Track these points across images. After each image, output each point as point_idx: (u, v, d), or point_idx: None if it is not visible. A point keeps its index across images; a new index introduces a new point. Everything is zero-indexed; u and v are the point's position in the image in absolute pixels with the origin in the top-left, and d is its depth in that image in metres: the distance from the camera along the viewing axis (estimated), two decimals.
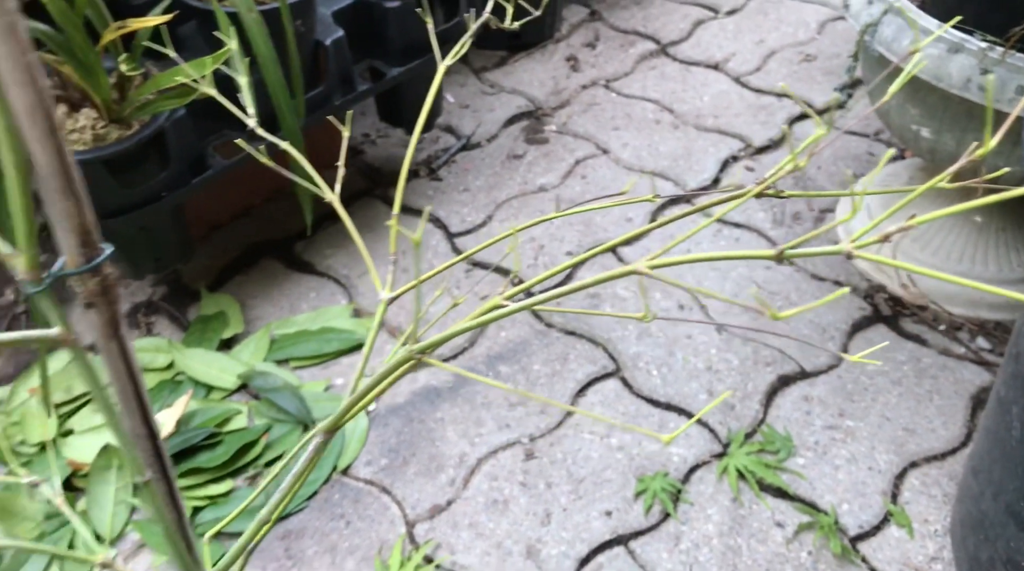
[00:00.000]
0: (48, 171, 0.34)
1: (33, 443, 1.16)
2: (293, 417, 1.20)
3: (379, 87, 1.37)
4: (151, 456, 0.43)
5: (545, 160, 1.64)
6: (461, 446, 1.16)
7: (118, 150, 1.10)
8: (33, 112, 0.32)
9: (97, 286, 0.37)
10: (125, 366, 0.40)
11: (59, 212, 0.35)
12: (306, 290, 1.40)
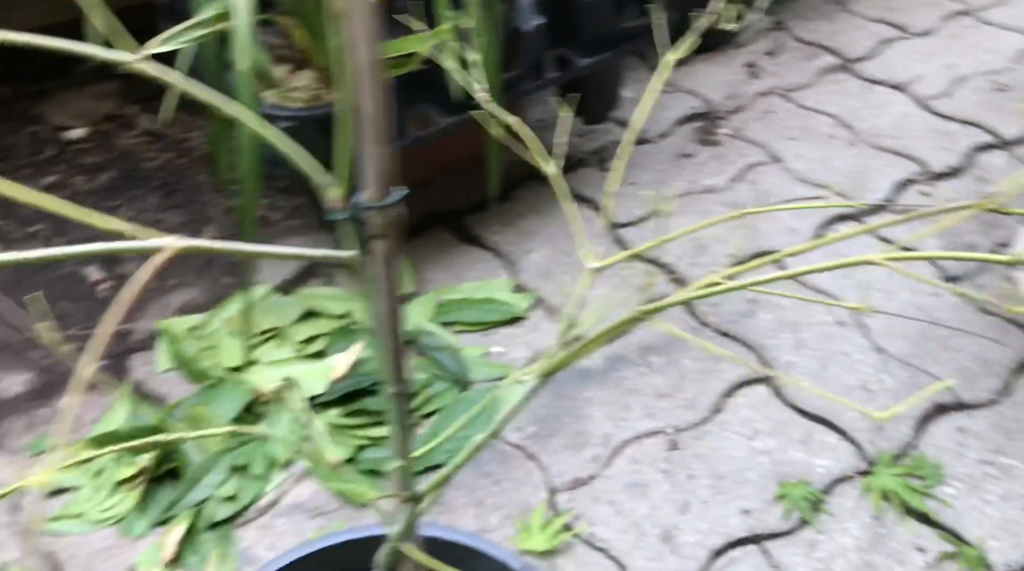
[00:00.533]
0: (371, 119, 0.40)
1: (222, 368, 1.28)
2: (452, 376, 1.27)
3: (566, 76, 1.42)
4: (396, 372, 0.50)
5: (715, 162, 1.65)
6: (606, 427, 1.21)
7: (328, 112, 1.20)
8: (370, 69, 0.39)
9: (387, 220, 0.43)
10: (391, 290, 0.46)
11: (371, 154, 0.41)
12: (473, 261, 1.47)
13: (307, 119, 1.19)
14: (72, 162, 1.62)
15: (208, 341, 1.31)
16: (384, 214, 0.43)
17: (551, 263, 1.45)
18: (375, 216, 0.43)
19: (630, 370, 1.28)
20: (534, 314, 1.38)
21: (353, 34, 0.38)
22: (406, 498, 0.53)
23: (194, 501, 1.12)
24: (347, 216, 0.43)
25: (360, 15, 0.37)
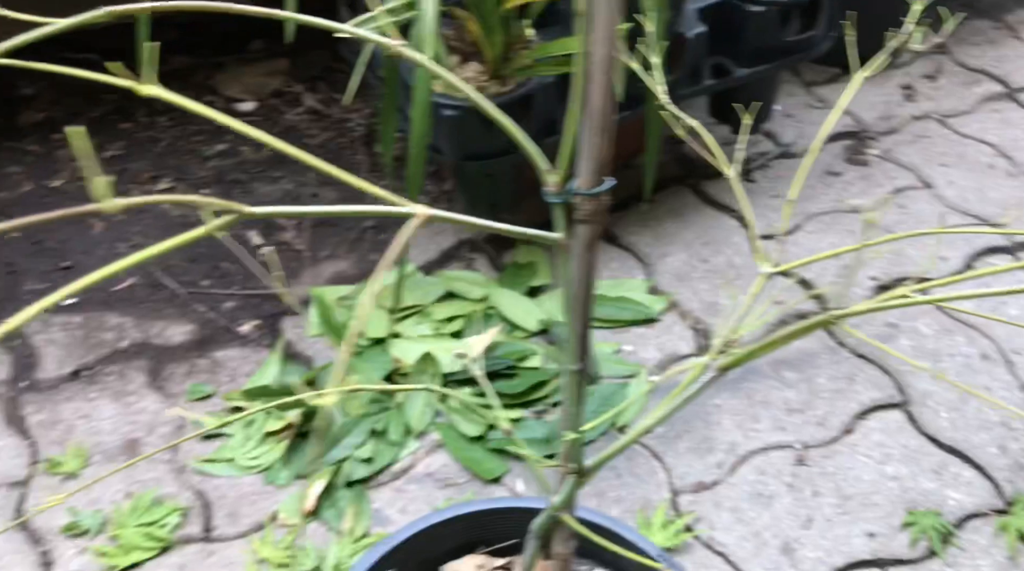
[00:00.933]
0: (597, 112, 0.43)
1: (366, 338, 1.35)
2: None
3: (722, 84, 1.43)
4: (580, 351, 0.53)
5: (863, 182, 1.63)
6: (734, 435, 1.22)
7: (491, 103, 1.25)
8: (604, 64, 0.42)
9: (595, 207, 0.47)
10: (588, 273, 0.50)
11: (590, 144, 0.45)
12: (608, 259, 1.50)
13: (470, 109, 1.24)
14: (239, 134, 1.73)
15: (355, 311, 1.38)
16: (593, 201, 0.47)
17: (688, 268, 1.47)
18: (585, 203, 0.47)
19: (762, 382, 1.28)
20: (667, 317, 1.39)
21: (594, 33, 0.41)
22: (572, 470, 0.57)
23: (335, 459, 1.19)
24: (561, 200, 0.46)
25: (603, 16, 0.41)
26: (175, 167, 1.64)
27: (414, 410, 1.25)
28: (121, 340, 1.35)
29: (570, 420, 0.56)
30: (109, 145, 1.67)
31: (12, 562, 1.08)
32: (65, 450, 1.20)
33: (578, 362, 0.53)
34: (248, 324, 1.40)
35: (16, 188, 1.58)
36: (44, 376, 1.29)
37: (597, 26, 0.41)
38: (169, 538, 1.11)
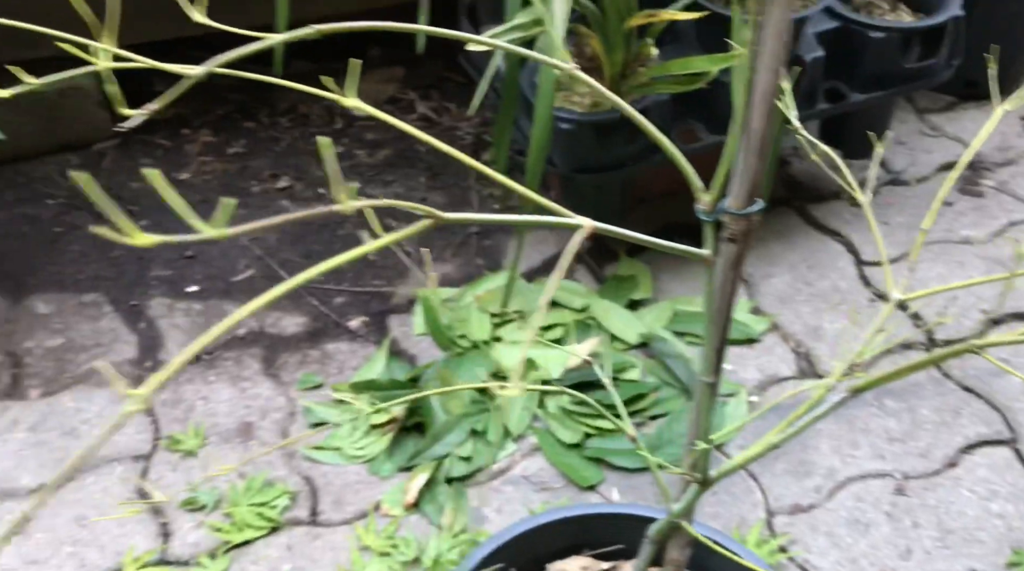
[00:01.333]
0: (756, 136, 0.46)
1: (468, 340, 1.38)
2: (682, 385, 1.31)
3: (837, 109, 1.43)
4: (714, 365, 0.55)
5: (975, 213, 1.60)
6: (832, 460, 1.21)
7: (606, 118, 1.27)
8: (766, 94, 0.44)
9: (743, 227, 0.49)
10: (730, 291, 0.52)
11: (746, 165, 0.47)
12: None
13: (585, 123, 1.27)
14: (356, 137, 1.79)
15: (459, 314, 1.43)
16: (743, 221, 0.49)
17: (792, 291, 1.46)
18: (735, 222, 0.49)
19: (863, 409, 1.27)
20: (768, 338, 1.40)
21: (761, 62, 0.43)
22: (697, 479, 0.59)
23: (435, 455, 1.23)
24: (712, 219, 0.49)
25: (770, 48, 0.43)
26: (294, 166, 1.71)
27: (512, 413, 1.28)
28: (239, 328, 1.42)
29: (700, 431, 0.58)
30: (233, 142, 1.75)
31: (134, 530, 1.15)
32: (185, 429, 1.27)
33: (712, 375, 0.55)
34: (357, 319, 1.45)
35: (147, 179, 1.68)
36: (167, 358, 1.37)
37: (764, 56, 0.43)
38: (279, 519, 1.16)
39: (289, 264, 1.53)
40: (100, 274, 1.50)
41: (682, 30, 1.38)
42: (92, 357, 1.37)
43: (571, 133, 1.27)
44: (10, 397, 1.31)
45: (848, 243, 1.55)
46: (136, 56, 0.44)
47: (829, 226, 1.58)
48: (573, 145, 1.29)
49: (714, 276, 0.52)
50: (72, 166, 1.69)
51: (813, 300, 1.45)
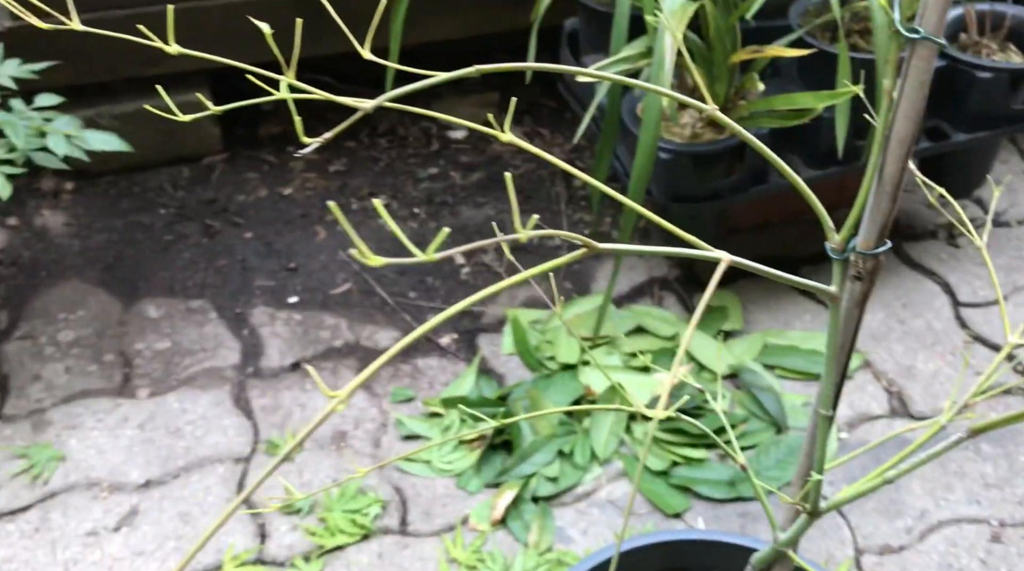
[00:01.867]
0: (889, 180, 0.47)
1: (557, 362, 1.41)
2: (770, 417, 1.31)
3: (938, 148, 1.42)
4: (832, 399, 0.56)
5: None
6: (924, 502, 1.20)
7: (705, 149, 1.29)
8: (904, 139, 0.46)
9: (870, 266, 0.51)
10: (853, 327, 0.53)
11: (876, 208, 0.49)
12: (802, 311, 1.50)
13: (684, 153, 1.29)
14: (451, 159, 1.84)
15: (548, 336, 1.45)
16: (871, 261, 0.50)
17: (885, 329, 1.45)
18: (863, 261, 0.50)
19: (958, 452, 1.25)
20: (860, 375, 1.39)
21: (899, 110, 0.45)
22: (807, 509, 0.60)
23: (523, 474, 1.25)
24: (842, 258, 0.50)
25: (910, 97, 0.44)
26: (391, 186, 1.77)
27: (600, 437, 1.30)
28: (336, 339, 1.47)
29: (814, 462, 0.59)
30: (335, 160, 1.82)
31: (234, 530, 1.20)
32: (283, 434, 1.32)
33: (830, 409, 0.56)
34: (448, 337, 1.49)
35: (253, 193, 1.75)
36: (268, 365, 1.43)
37: (904, 104, 0.45)
38: (370, 526, 1.20)
39: (385, 280, 1.58)
40: (207, 282, 1.57)
41: (783, 65, 1.39)
42: (198, 360, 1.43)
43: (670, 163, 1.29)
44: (121, 395, 1.38)
45: (944, 283, 1.53)
46: (311, 88, 0.48)
47: (925, 265, 1.56)
48: (671, 174, 1.31)
49: (839, 312, 0.53)
50: (184, 178, 1.78)
51: (906, 339, 1.43)
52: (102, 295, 1.54)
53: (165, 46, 0.45)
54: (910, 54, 0.44)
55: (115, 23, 1.70)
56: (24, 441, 1.31)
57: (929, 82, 0.45)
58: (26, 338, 1.46)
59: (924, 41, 0.43)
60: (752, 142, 0.53)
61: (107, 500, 1.23)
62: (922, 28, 0.43)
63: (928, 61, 0.44)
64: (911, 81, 0.44)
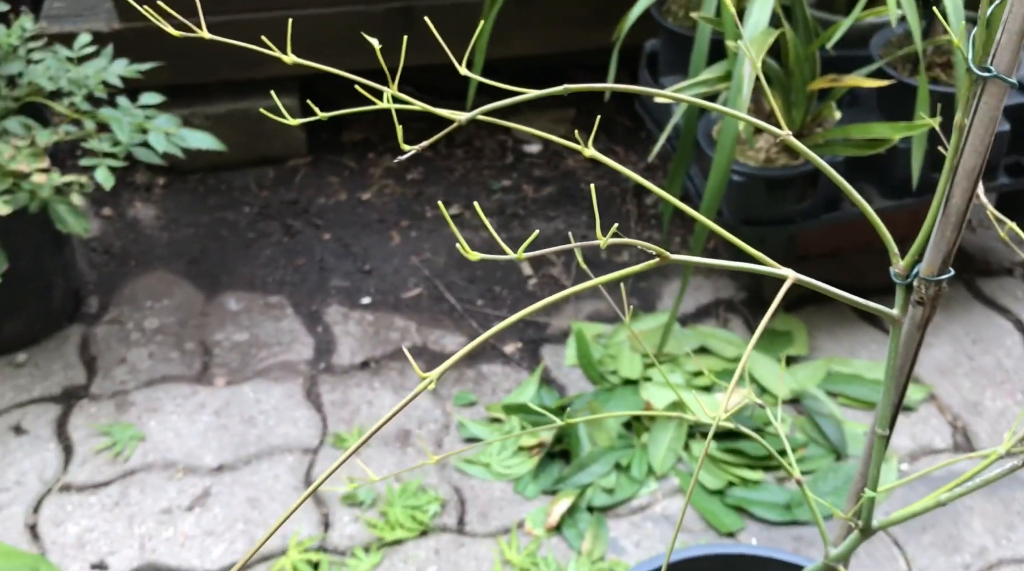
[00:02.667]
0: (955, 209, 0.49)
1: (619, 376, 1.43)
2: (830, 444, 1.31)
3: (1017, 184, 1.40)
4: (889, 420, 0.58)
5: None
6: (984, 540, 1.18)
7: (779, 174, 1.30)
8: (972, 171, 0.48)
9: (932, 292, 0.52)
10: (913, 352, 0.55)
11: (941, 236, 0.50)
12: (868, 340, 1.50)
13: (758, 177, 1.30)
14: (524, 172, 1.88)
15: (611, 350, 1.48)
16: (934, 287, 0.52)
17: (952, 363, 1.44)
18: (926, 287, 0.52)
19: (1022, 491, 1.24)
20: (924, 408, 1.38)
21: (967, 144, 0.47)
22: (859, 527, 0.61)
23: (579, 483, 1.28)
24: (905, 282, 0.52)
25: (979, 131, 0.46)
26: (464, 196, 1.82)
27: (658, 452, 1.31)
28: (404, 340, 1.52)
29: (869, 480, 0.61)
30: (412, 169, 1.88)
31: (299, 518, 1.25)
32: (350, 429, 1.37)
33: (886, 428, 0.58)
34: (512, 345, 1.52)
35: (333, 196, 1.82)
36: (339, 362, 1.48)
37: (971, 139, 0.47)
38: (429, 523, 1.24)
39: (454, 286, 1.62)
40: (286, 279, 1.63)
41: (862, 95, 1.40)
42: (273, 353, 1.50)
43: (743, 185, 1.30)
44: (199, 382, 1.45)
45: (1017, 321, 1.51)
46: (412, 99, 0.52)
47: (998, 302, 1.54)
48: (743, 197, 1.33)
49: (900, 335, 0.55)
50: (269, 179, 1.85)
51: (974, 375, 1.42)
52: (186, 286, 1.62)
53: (283, 55, 0.49)
54: (981, 91, 0.46)
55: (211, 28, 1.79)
56: (108, 420, 1.38)
57: (998, 119, 0.46)
58: (114, 323, 1.54)
59: (995, 79, 0.45)
60: (824, 169, 0.55)
61: (182, 481, 1.30)
62: (994, 67, 0.45)
63: (998, 99, 0.46)
64: (980, 117, 0.46)
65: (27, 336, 1.45)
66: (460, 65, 0.51)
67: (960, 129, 0.47)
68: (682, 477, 1.30)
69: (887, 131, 1.15)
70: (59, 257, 1.45)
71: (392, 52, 0.51)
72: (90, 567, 1.19)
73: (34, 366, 1.45)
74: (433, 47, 2.02)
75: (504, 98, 0.54)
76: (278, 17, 1.70)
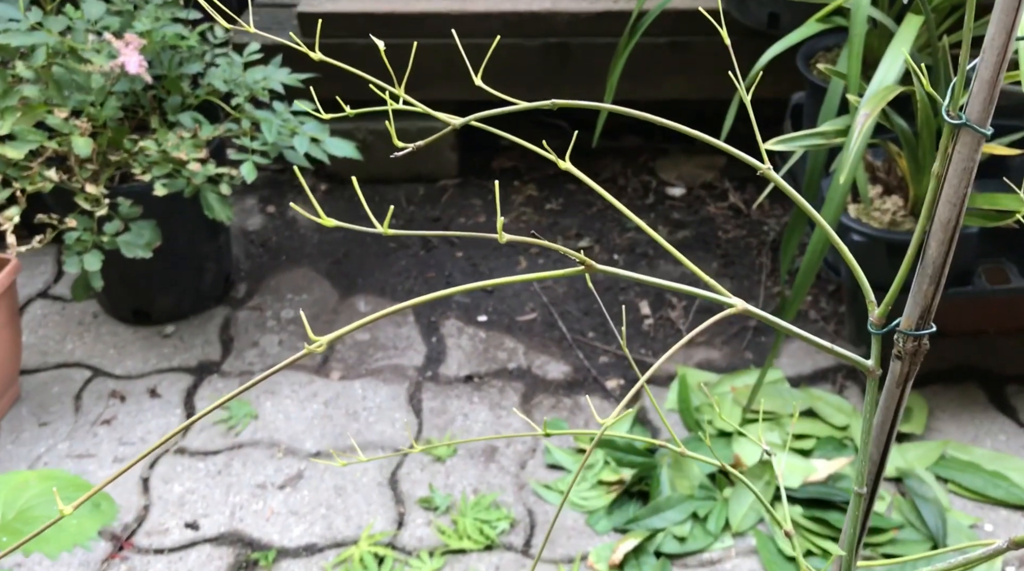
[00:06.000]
0: (932, 263, 0.47)
1: (714, 427, 1.40)
2: (928, 531, 1.22)
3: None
4: (871, 478, 0.56)
5: None
6: None
7: (903, 238, 1.24)
8: (947, 224, 0.46)
9: (912, 347, 0.50)
10: (895, 407, 0.53)
11: (920, 289, 0.49)
12: (997, 431, 1.38)
13: (879, 239, 1.25)
14: (662, 214, 1.88)
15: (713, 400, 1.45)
16: (913, 341, 0.50)
17: None
18: (904, 341, 0.50)
19: None
20: None
21: (943, 193, 0.45)
22: None
23: (652, 526, 1.26)
24: (881, 332, 0.50)
25: (953, 181, 0.45)
26: (598, 230, 1.84)
27: (739, 509, 1.27)
28: (510, 361, 1.56)
29: (848, 541, 0.58)
30: (552, 199, 1.93)
31: (377, 512, 1.31)
32: (442, 437, 1.43)
33: (863, 485, 0.55)
34: (614, 381, 1.53)
35: (473, 217, 1.89)
36: (445, 372, 1.54)
37: (946, 189, 0.45)
38: (495, 539, 1.26)
39: (568, 316, 1.64)
40: (414, 289, 1.72)
41: (1014, 165, 1.31)
42: (388, 356, 1.58)
43: (863, 246, 1.25)
44: (317, 374, 1.56)
45: None
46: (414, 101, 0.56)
47: None
48: (863, 260, 1.27)
49: (875, 389, 0.53)
50: (418, 195, 1.96)
51: None
52: (325, 284, 1.74)
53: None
54: (954, 140, 0.44)
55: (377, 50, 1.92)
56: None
57: (973, 170, 0.45)
58: (255, 309, 1.68)
59: (966, 128, 0.44)
60: (823, 225, 0.54)
61: (281, 460, 1.39)
62: (965, 115, 0.44)
63: (971, 148, 0.44)
64: (954, 167, 0.45)
65: (177, 311, 1.62)
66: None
67: (937, 178, 0.46)
68: (760, 538, 1.25)
69: (1015, 203, 1.07)
70: (213, 243, 1.60)
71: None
72: (184, 524, 1.30)
73: (179, 339, 1.61)
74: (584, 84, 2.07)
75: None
76: (440, 44, 1.80)
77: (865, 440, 0.54)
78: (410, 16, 1.80)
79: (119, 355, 1.57)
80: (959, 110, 0.44)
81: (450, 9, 1.80)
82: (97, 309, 1.66)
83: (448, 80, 1.86)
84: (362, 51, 1.79)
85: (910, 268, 0.49)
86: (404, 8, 1.81)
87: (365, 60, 1.85)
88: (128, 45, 1.28)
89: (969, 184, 0.45)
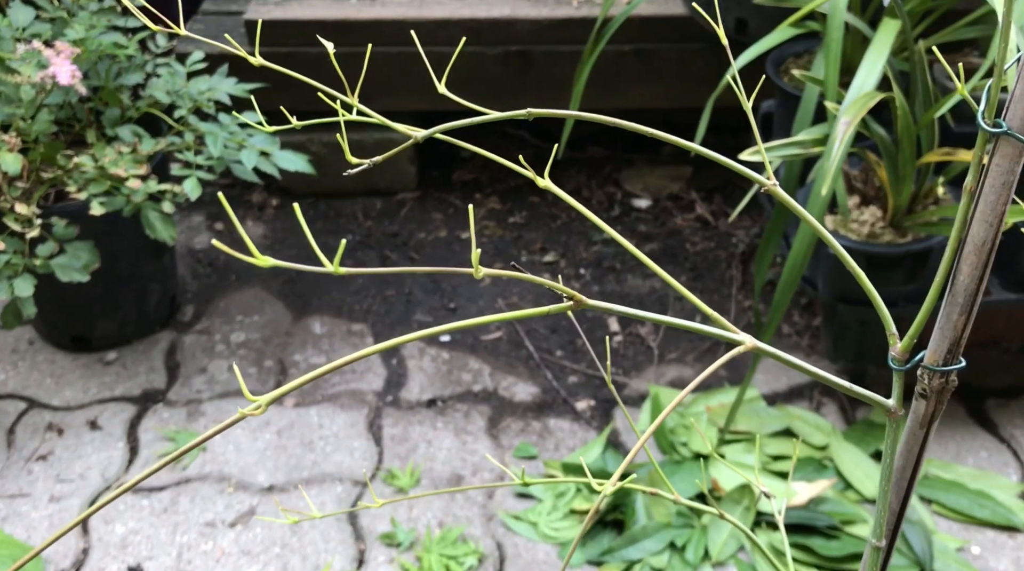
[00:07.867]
0: (963, 290, 0.41)
1: (690, 449, 1.34)
2: (915, 556, 1.17)
3: None
4: (890, 529, 0.49)
5: None
6: None
7: (884, 251, 1.20)
8: (982, 246, 0.40)
9: (939, 384, 0.44)
10: (918, 450, 0.46)
11: (948, 320, 0.43)
12: (978, 447, 1.34)
13: (858, 252, 1.20)
14: (629, 226, 1.83)
15: (686, 420, 1.39)
16: (940, 378, 0.44)
17: None
18: (930, 377, 0.44)
19: None
20: None
21: (977, 211, 0.39)
22: None
23: (628, 558, 1.20)
24: (904, 368, 0.44)
25: (991, 198, 0.39)
26: (563, 244, 1.78)
27: (718, 537, 1.21)
28: (475, 383, 1.49)
29: None
30: (516, 212, 1.86)
31: (334, 549, 1.23)
32: (404, 467, 1.35)
33: (881, 539, 0.49)
34: (584, 402, 1.46)
35: (434, 232, 1.82)
36: (406, 396, 1.46)
37: (981, 207, 0.39)
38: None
39: (535, 334, 1.58)
40: (372, 309, 1.64)
41: None
42: (345, 380, 1.50)
43: (839, 260, 1.20)
44: None
45: None
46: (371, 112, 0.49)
47: None
48: (841, 273, 1.23)
49: (899, 431, 0.47)
50: (375, 209, 1.88)
51: None
52: (278, 305, 1.65)
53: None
54: (992, 151, 0.38)
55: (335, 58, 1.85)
56: (177, 426, 1.41)
57: (1013, 184, 0.39)
58: (203, 333, 1.58)
59: (1007, 137, 0.38)
60: (838, 251, 0.48)
61: (231, 496, 1.31)
62: (1006, 123, 0.38)
63: (1012, 160, 0.38)
64: (991, 181, 0.39)
65: (119, 336, 1.52)
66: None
67: (970, 194, 0.40)
68: (741, 567, 1.19)
69: None
70: (157, 263, 1.51)
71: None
72: (127, 569, 1.21)
73: (121, 366, 1.51)
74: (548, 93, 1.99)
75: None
76: (397, 53, 1.73)
77: (884, 488, 0.48)
78: (365, 23, 1.73)
79: (56, 385, 1.47)
80: (996, 117, 0.38)
81: (407, 16, 1.73)
82: (33, 336, 1.55)
83: (406, 90, 1.79)
84: (314, 60, 1.71)
85: (938, 295, 0.43)
86: (358, 15, 1.73)
87: (318, 70, 1.77)
88: (59, 54, 1.19)
89: (1008, 200, 0.39)
